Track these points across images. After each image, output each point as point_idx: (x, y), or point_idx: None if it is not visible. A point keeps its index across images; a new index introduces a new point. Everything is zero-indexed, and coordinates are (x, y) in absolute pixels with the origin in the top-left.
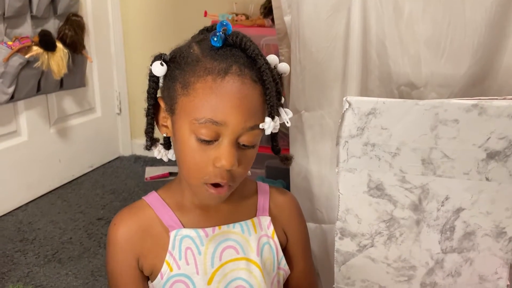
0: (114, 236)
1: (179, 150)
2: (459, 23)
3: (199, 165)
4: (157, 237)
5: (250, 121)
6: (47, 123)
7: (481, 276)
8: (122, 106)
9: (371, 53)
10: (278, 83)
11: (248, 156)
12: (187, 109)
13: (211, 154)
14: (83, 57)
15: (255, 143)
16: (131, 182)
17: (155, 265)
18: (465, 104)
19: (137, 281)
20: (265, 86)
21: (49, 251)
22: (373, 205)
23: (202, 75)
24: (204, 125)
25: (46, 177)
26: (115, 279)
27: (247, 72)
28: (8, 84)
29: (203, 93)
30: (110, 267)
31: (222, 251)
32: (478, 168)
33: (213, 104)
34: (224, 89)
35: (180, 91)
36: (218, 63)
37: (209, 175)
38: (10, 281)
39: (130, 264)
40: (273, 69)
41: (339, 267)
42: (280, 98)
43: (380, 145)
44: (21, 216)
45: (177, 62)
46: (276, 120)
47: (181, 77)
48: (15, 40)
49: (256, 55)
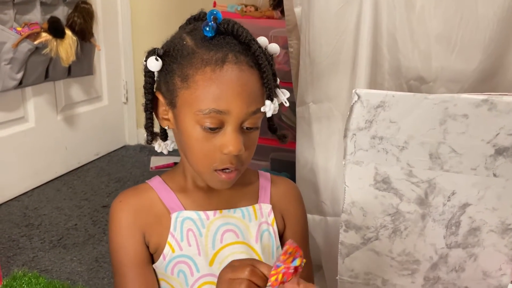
0: (119, 211)
1: (184, 141)
2: (471, 19)
3: (207, 154)
4: (159, 217)
5: (252, 106)
6: (54, 110)
7: (485, 272)
8: (129, 95)
9: (381, 47)
10: (272, 64)
11: (252, 138)
12: (189, 101)
13: (218, 142)
14: (92, 45)
15: (258, 125)
16: (136, 171)
17: (159, 244)
18: (475, 99)
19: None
20: (262, 70)
21: (54, 236)
22: (378, 198)
23: (201, 67)
24: (208, 115)
25: (52, 163)
26: (120, 257)
27: (243, 58)
28: (17, 70)
29: (203, 85)
30: (115, 246)
31: (222, 234)
32: (486, 164)
33: (215, 94)
34: (224, 78)
35: (180, 84)
36: (214, 53)
37: (217, 162)
38: (16, 265)
39: (137, 239)
40: (265, 51)
41: (343, 259)
42: (276, 79)
43: (388, 139)
44: (27, 202)
45: (172, 55)
46: (275, 101)
47: (179, 70)
48: (24, 26)
49: (250, 41)
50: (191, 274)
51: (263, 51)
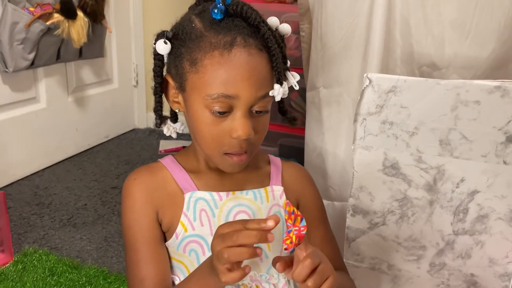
0: (133, 188)
1: (194, 125)
2: (487, 5)
3: (217, 138)
4: (173, 196)
5: (261, 90)
6: (65, 91)
7: (491, 259)
8: (139, 78)
9: (394, 32)
10: (282, 46)
11: (262, 122)
12: (198, 86)
13: (227, 126)
14: (103, 27)
15: (267, 108)
16: (145, 154)
17: (172, 223)
18: (488, 86)
19: (156, 236)
20: (271, 53)
21: (64, 215)
22: (387, 183)
23: (209, 51)
24: (217, 99)
25: (62, 144)
26: (133, 232)
27: (252, 42)
28: (29, 50)
29: (212, 69)
30: (129, 222)
31: (235, 214)
32: (496, 151)
33: (223, 78)
34: (232, 62)
35: (189, 68)
36: (223, 36)
37: (227, 145)
38: (27, 242)
39: (150, 216)
40: (276, 32)
41: (349, 244)
42: (286, 62)
43: (398, 124)
44: (37, 181)
45: (180, 39)
46: (285, 85)
47: (188, 54)
48: (37, 6)
49: (259, 23)
50: (203, 253)
51: (273, 33)
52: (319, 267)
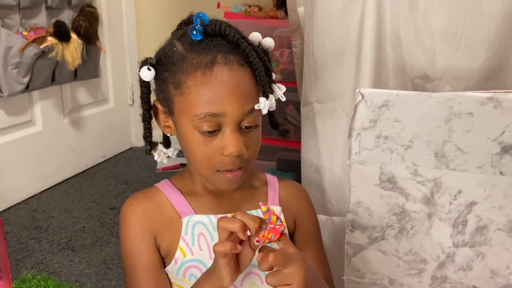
0: (131, 214)
1: (186, 147)
2: (476, 16)
3: (209, 157)
4: (170, 220)
5: (247, 105)
6: (61, 113)
7: (493, 271)
8: (135, 97)
9: (385, 45)
10: (265, 60)
11: (254, 137)
12: (184, 107)
13: (217, 144)
14: (97, 48)
15: (257, 123)
16: (143, 173)
17: (170, 249)
18: (480, 97)
19: (156, 262)
20: (253, 67)
21: (63, 239)
22: (384, 198)
23: (191, 72)
24: (204, 119)
25: (60, 166)
26: (132, 260)
27: (233, 58)
28: (23, 74)
29: (196, 90)
30: (127, 248)
31: None
32: (492, 162)
33: (208, 98)
34: (215, 80)
35: (174, 91)
36: (204, 56)
37: (220, 163)
38: (25, 267)
39: (149, 242)
40: (258, 47)
41: (349, 259)
42: (271, 75)
43: (393, 138)
44: (35, 205)
45: (164, 63)
46: (271, 98)
47: (171, 77)
48: (30, 30)
49: (238, 39)
50: None
51: (254, 48)
52: (286, 270)
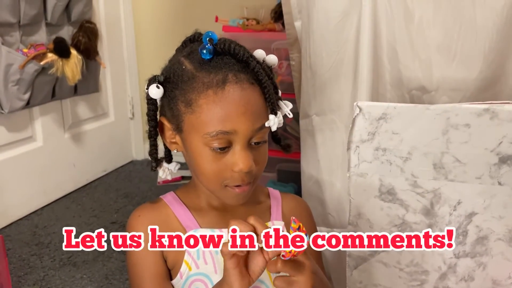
0: (137, 224)
1: (195, 163)
2: (470, 28)
3: (218, 173)
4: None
5: (257, 123)
6: (62, 128)
7: (494, 281)
8: (135, 110)
9: (381, 58)
10: (272, 77)
11: (262, 152)
12: (195, 125)
13: (228, 160)
14: (97, 63)
15: (265, 139)
16: (144, 186)
17: (176, 262)
18: (477, 109)
19: (162, 272)
20: (263, 85)
21: (64, 254)
22: (384, 209)
23: (203, 90)
24: (216, 137)
25: (60, 181)
26: (139, 271)
27: (243, 77)
28: (24, 91)
29: (207, 108)
30: (134, 259)
31: None
32: (490, 173)
33: (220, 116)
34: (227, 99)
35: (184, 109)
36: (215, 75)
37: (229, 179)
38: (27, 284)
39: (155, 252)
40: (264, 64)
41: (351, 271)
42: (278, 92)
43: (391, 150)
44: (36, 220)
45: (173, 82)
46: (279, 115)
47: (182, 96)
48: (31, 47)
49: (247, 58)
50: None
51: (262, 66)
52: (296, 278)
